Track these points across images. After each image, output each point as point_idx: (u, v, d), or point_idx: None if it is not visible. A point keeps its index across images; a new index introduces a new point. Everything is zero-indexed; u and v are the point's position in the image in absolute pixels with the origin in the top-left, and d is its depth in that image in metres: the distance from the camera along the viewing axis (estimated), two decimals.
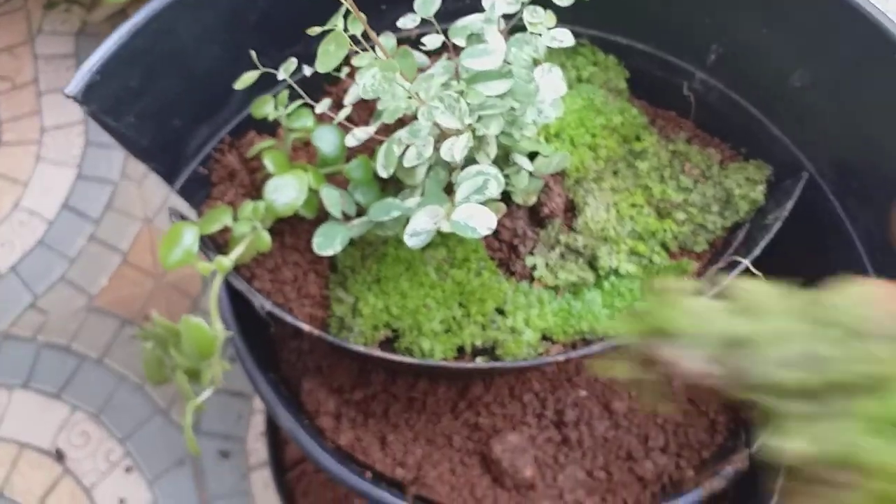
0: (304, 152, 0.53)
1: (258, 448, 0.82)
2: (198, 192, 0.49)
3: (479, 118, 0.37)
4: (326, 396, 0.53)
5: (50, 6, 1.01)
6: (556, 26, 0.39)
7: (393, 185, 0.48)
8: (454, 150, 0.38)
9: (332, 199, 0.44)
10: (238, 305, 0.53)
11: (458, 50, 0.40)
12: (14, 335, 0.87)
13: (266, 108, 0.49)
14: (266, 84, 0.50)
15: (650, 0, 0.48)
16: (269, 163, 0.47)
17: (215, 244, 0.48)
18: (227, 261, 0.44)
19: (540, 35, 0.37)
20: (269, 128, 0.50)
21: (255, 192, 0.51)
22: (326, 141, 0.49)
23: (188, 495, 0.81)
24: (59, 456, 0.83)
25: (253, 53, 0.42)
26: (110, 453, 0.83)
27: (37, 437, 0.84)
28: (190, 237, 0.45)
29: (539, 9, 0.38)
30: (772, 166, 0.50)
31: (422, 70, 0.46)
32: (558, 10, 0.41)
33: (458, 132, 0.38)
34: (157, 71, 0.43)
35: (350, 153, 0.49)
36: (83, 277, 0.89)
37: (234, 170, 0.50)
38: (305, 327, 0.44)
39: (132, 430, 0.83)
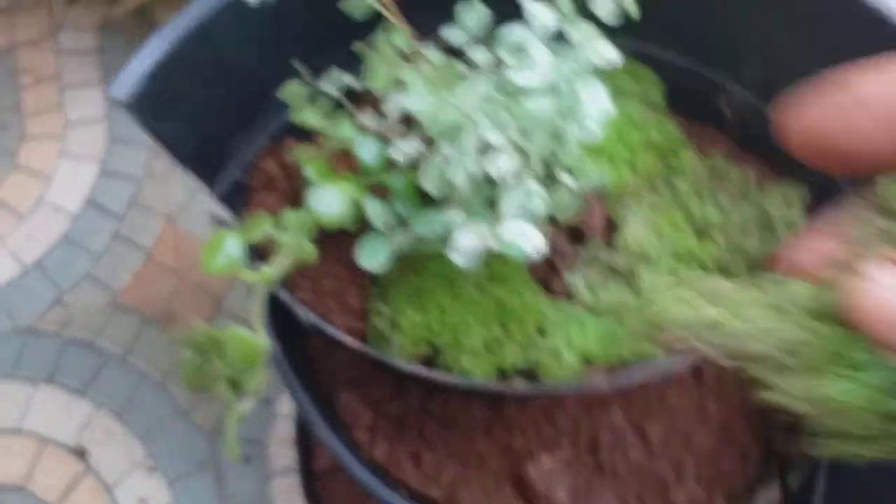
0: (342, 161, 0.53)
1: (280, 453, 0.82)
2: (237, 198, 0.49)
3: (524, 134, 0.36)
4: (363, 409, 0.53)
5: (72, 0, 1.01)
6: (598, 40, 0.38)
7: (434, 198, 0.48)
8: (499, 165, 0.37)
9: (375, 211, 0.44)
10: (274, 313, 0.52)
11: (502, 61, 0.40)
12: (40, 330, 0.87)
13: (306, 115, 0.48)
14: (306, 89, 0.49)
15: (690, 13, 0.48)
16: (311, 172, 0.47)
17: (255, 251, 0.48)
18: (272, 271, 0.44)
19: (585, 51, 0.37)
20: (307, 134, 0.50)
21: (294, 199, 0.51)
22: (368, 151, 0.48)
23: (209, 498, 0.81)
24: (82, 453, 0.83)
25: (301, 69, 0.42)
26: (133, 453, 0.83)
27: (60, 433, 0.84)
28: (233, 245, 0.44)
29: (584, 24, 0.37)
30: (808, 187, 0.49)
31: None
32: (598, 23, 0.40)
33: (502, 147, 0.38)
34: (200, 77, 0.43)
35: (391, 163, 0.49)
36: (107, 274, 0.89)
37: (273, 176, 0.50)
38: (349, 341, 0.44)
39: (155, 431, 0.83)
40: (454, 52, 0.47)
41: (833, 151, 0.20)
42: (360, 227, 0.49)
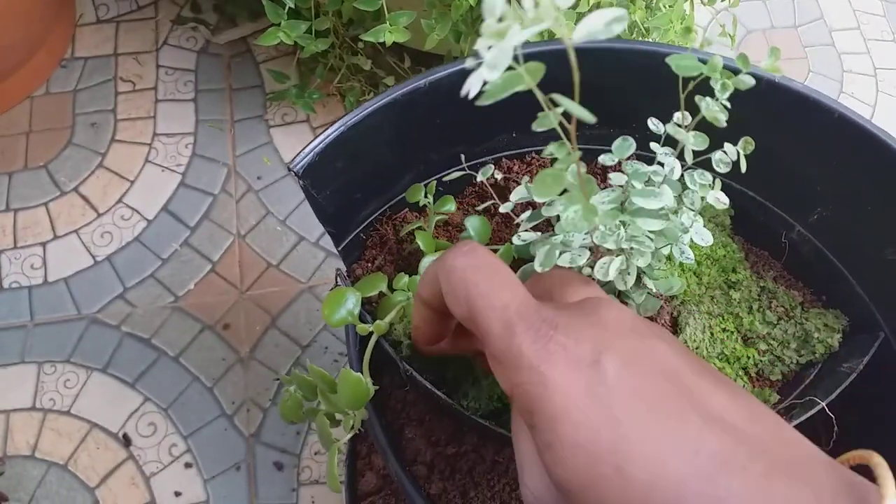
0: (443, 230, 0.61)
1: (310, 466, 0.89)
2: (352, 253, 0.56)
3: (632, 249, 0.44)
4: (425, 447, 0.60)
5: (178, 22, 1.09)
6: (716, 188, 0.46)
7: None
8: (609, 269, 0.44)
9: None
10: (360, 353, 0.59)
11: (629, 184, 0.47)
12: (101, 321, 0.94)
13: (418, 195, 0.56)
14: (428, 170, 0.58)
15: (773, 161, 0.56)
16: (420, 241, 0.55)
17: (363, 303, 0.55)
18: (383, 324, 0.51)
19: (703, 197, 0.45)
20: (420, 207, 0.58)
21: (401, 260, 0.58)
22: (475, 227, 0.56)
23: (240, 499, 0.87)
24: (125, 441, 0.89)
25: (462, 158, 0.50)
26: (173, 447, 0.89)
27: (107, 420, 0.90)
28: (352, 301, 0.52)
29: (707, 174, 0.45)
30: (848, 318, 0.57)
31: None
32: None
33: (611, 253, 0.45)
34: (356, 156, 0.50)
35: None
36: (171, 279, 0.96)
37: (387, 239, 0.57)
38: (443, 397, 0.51)
39: (197, 429, 0.90)
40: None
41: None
42: None
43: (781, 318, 0.57)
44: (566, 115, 0.31)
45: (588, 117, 0.30)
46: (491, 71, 0.28)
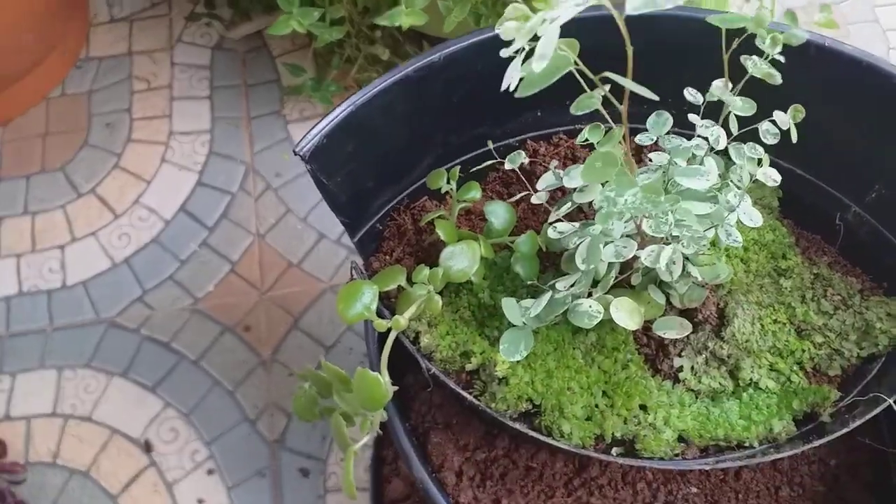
0: (465, 218, 0.57)
1: (337, 472, 0.85)
2: (369, 245, 0.53)
3: (681, 235, 0.40)
4: (452, 453, 0.56)
5: (192, 18, 1.06)
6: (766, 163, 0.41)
7: (550, 262, 0.52)
8: (659, 257, 0.40)
9: (512, 310, 0.47)
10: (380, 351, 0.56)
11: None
12: (120, 325, 0.92)
13: (440, 181, 0.52)
14: (448, 153, 0.54)
15: (824, 135, 0.51)
16: (441, 231, 0.51)
17: (382, 298, 0.51)
18: (403, 320, 0.48)
19: (752, 173, 0.40)
20: (440, 194, 0.54)
21: (421, 251, 0.54)
22: (498, 216, 0.52)
23: None
24: (147, 447, 0.87)
25: (486, 142, 0.46)
26: (195, 453, 0.86)
27: (128, 426, 0.88)
28: (369, 295, 0.48)
29: (758, 147, 0.41)
30: None
31: None
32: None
33: (657, 241, 0.41)
34: (367, 140, 0.47)
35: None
36: (191, 280, 0.93)
37: (405, 229, 0.54)
38: (469, 398, 0.47)
39: (219, 435, 0.87)
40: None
41: None
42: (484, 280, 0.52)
43: (838, 308, 0.52)
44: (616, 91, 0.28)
45: (650, 94, 0.26)
46: (540, 62, 0.24)
